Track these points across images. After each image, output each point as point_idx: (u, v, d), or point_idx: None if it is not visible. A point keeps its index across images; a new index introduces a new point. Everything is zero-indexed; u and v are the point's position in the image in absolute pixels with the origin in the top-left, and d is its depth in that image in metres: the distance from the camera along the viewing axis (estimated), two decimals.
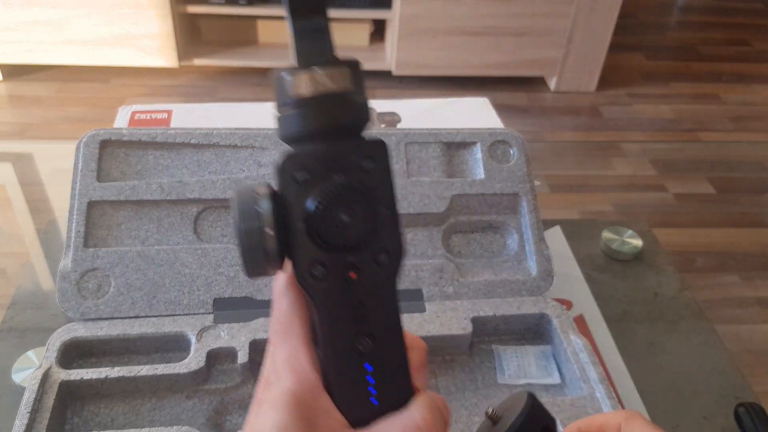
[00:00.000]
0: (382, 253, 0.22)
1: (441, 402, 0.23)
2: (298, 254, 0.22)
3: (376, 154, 0.22)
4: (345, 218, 0.21)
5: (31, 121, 1.67)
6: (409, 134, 0.51)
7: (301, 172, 0.21)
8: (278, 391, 0.22)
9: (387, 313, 0.23)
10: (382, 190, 0.22)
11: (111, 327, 0.44)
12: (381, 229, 0.22)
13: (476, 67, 1.82)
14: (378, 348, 0.22)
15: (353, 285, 0.22)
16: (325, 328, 0.22)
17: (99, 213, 0.47)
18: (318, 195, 0.21)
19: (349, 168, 0.22)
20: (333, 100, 0.21)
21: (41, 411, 0.39)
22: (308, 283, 0.22)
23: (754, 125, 1.82)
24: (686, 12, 2.49)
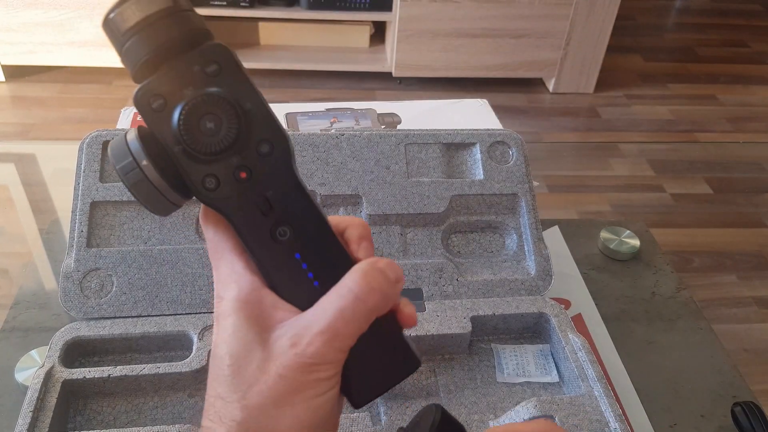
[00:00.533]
0: (264, 144, 0.23)
1: (383, 263, 0.23)
2: (187, 176, 0.23)
3: (217, 57, 0.22)
4: (210, 125, 0.22)
5: (34, 122, 1.67)
6: (409, 135, 0.52)
7: (154, 100, 0.22)
8: (226, 302, 0.23)
9: (293, 199, 0.23)
10: (237, 87, 0.22)
11: (113, 326, 0.45)
12: (252, 123, 0.22)
13: (475, 68, 1.82)
14: (298, 234, 0.23)
15: (247, 183, 0.23)
16: (242, 231, 0.23)
17: (101, 213, 0.47)
18: (177, 114, 0.22)
19: (196, 78, 0.22)
20: (158, 19, 0.22)
21: (44, 410, 0.39)
22: (208, 198, 0.23)
23: (751, 126, 1.83)
24: (684, 14, 2.50)
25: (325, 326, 0.22)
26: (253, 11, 1.74)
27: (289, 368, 0.22)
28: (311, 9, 1.74)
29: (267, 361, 0.22)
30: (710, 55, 2.17)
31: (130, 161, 0.22)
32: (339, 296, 0.23)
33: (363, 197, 0.49)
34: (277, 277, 0.24)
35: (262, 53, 1.84)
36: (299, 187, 0.23)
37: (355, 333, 0.23)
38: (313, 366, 0.22)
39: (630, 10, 2.29)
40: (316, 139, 0.50)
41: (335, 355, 0.22)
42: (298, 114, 0.70)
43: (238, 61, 0.23)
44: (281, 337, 0.22)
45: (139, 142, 0.22)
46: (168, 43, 0.22)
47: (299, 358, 0.22)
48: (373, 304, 0.23)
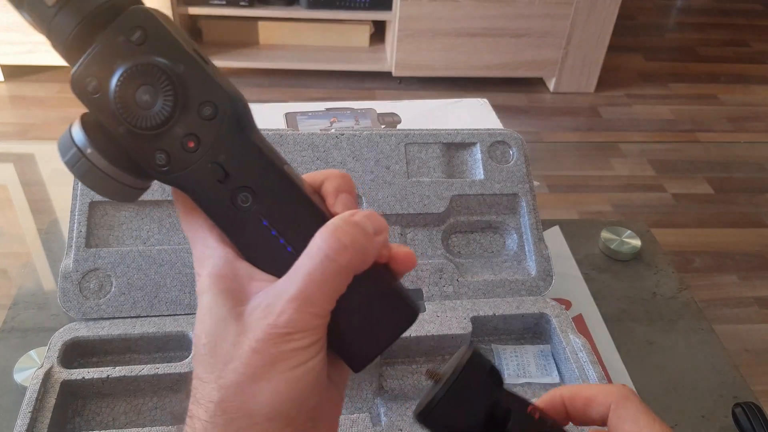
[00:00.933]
0: (205, 107, 0.21)
1: (360, 215, 0.22)
2: (139, 156, 0.21)
3: (140, 21, 0.21)
4: (146, 97, 0.21)
5: (33, 122, 1.67)
6: (409, 135, 0.51)
7: (88, 82, 0.21)
8: (202, 279, 0.22)
9: (248, 161, 0.21)
10: (166, 51, 0.21)
11: (112, 327, 0.44)
12: (189, 87, 0.21)
13: (476, 68, 1.82)
14: (261, 199, 0.22)
15: (197, 152, 0.21)
16: (203, 203, 0.22)
17: (100, 213, 0.47)
18: (111, 93, 0.21)
19: (123, 51, 0.21)
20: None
21: (43, 410, 0.39)
22: (163, 176, 0.22)
23: (752, 126, 1.83)
24: (685, 13, 2.50)
25: (295, 292, 0.21)
26: (252, 10, 1.74)
27: (263, 341, 0.20)
28: (311, 8, 1.74)
29: (240, 335, 0.21)
30: (711, 55, 2.16)
31: (75, 152, 0.21)
32: (309, 257, 0.21)
33: (363, 197, 0.49)
34: (248, 247, 0.22)
35: (262, 53, 1.84)
36: (255, 148, 0.22)
37: (331, 295, 0.21)
38: (287, 335, 0.20)
39: (631, 10, 2.28)
40: (316, 138, 0.50)
41: (311, 321, 0.21)
42: (297, 114, 0.70)
43: (164, 22, 0.21)
44: (255, 309, 0.21)
45: (82, 131, 0.21)
46: (90, 16, 0.21)
47: (272, 329, 0.20)
48: (345, 261, 0.21)
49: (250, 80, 1.84)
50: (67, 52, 0.22)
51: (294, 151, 0.49)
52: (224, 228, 0.22)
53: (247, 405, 0.20)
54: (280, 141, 0.50)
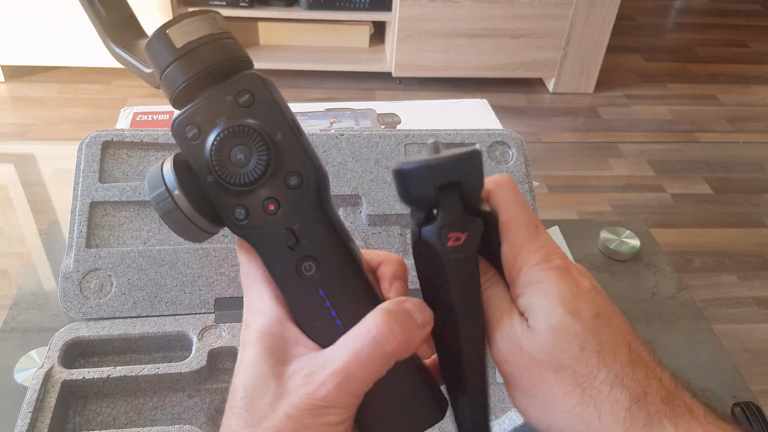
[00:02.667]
0: (292, 177, 0.22)
1: (411, 304, 0.22)
2: (219, 206, 0.23)
3: (250, 86, 0.22)
4: (240, 156, 0.22)
5: (33, 122, 1.67)
6: (408, 135, 0.51)
7: (189, 128, 0.22)
8: (250, 331, 0.23)
9: (320, 234, 0.23)
10: (268, 118, 0.22)
11: (113, 327, 0.45)
12: (282, 155, 0.22)
13: (475, 68, 1.82)
14: (324, 271, 0.23)
15: (275, 216, 0.22)
16: (268, 263, 0.23)
17: (101, 213, 0.47)
18: (209, 145, 0.22)
19: (229, 109, 0.22)
20: (198, 46, 0.22)
21: (43, 410, 0.39)
22: (237, 229, 0.23)
23: (751, 126, 1.83)
24: (684, 14, 2.50)
25: (339, 367, 0.21)
26: (252, 11, 1.74)
27: (298, 408, 0.21)
28: (311, 9, 1.74)
29: (278, 397, 0.21)
30: (710, 55, 2.17)
31: (163, 190, 0.22)
32: (357, 336, 0.22)
33: (363, 197, 0.49)
34: (300, 312, 0.23)
35: (262, 53, 1.84)
36: (328, 223, 0.23)
37: (371, 377, 0.21)
38: (323, 409, 0.21)
39: (630, 10, 2.29)
40: (316, 139, 0.50)
41: (347, 400, 0.21)
42: (297, 114, 0.70)
43: (271, 91, 0.23)
44: (296, 374, 0.22)
45: (173, 171, 0.22)
46: (205, 71, 0.22)
47: (309, 399, 0.21)
48: (392, 348, 0.21)
49: None
50: (173, 98, 0.23)
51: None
52: (282, 289, 0.23)
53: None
54: None
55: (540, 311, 0.22)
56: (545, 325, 0.22)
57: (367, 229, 0.50)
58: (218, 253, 0.47)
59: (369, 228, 0.50)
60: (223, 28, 0.23)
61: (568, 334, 0.21)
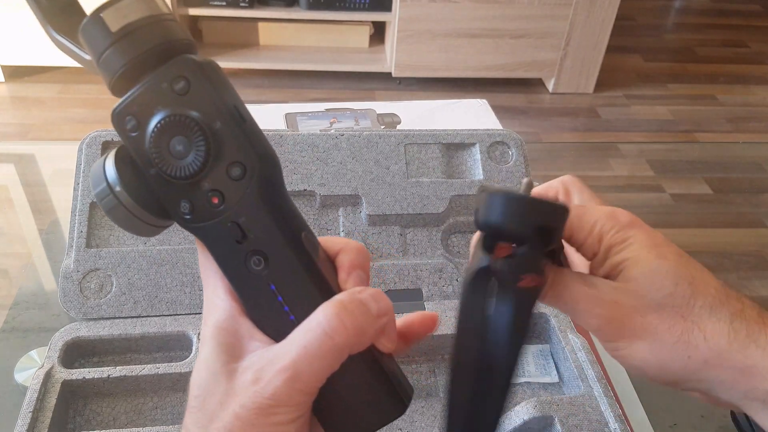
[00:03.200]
0: (235, 167, 0.21)
1: (366, 294, 0.21)
2: (165, 200, 0.22)
3: (185, 71, 0.21)
4: (179, 147, 0.21)
5: (33, 122, 1.67)
6: (408, 135, 0.52)
7: (128, 120, 0.21)
8: (206, 327, 0.22)
9: (267, 227, 0.22)
10: (206, 106, 0.21)
11: (113, 327, 0.45)
12: (223, 144, 0.21)
13: (475, 69, 1.83)
14: (273, 265, 0.22)
15: (219, 209, 0.21)
16: (217, 258, 0.22)
17: (101, 213, 0.47)
18: (147, 136, 0.21)
19: (165, 97, 0.21)
20: (135, 29, 0.21)
21: (43, 410, 0.39)
22: (184, 223, 0.22)
23: (751, 126, 1.83)
24: (683, 14, 2.50)
25: (287, 363, 0.20)
26: (252, 11, 1.74)
27: (247, 408, 0.20)
28: (311, 9, 1.74)
29: (228, 395, 0.21)
30: (710, 56, 2.17)
31: (104, 187, 0.21)
32: (307, 330, 0.21)
33: (362, 197, 0.49)
34: (252, 308, 0.22)
35: (262, 53, 1.84)
36: (276, 214, 0.22)
37: (321, 372, 0.20)
38: (272, 408, 0.20)
39: (629, 11, 2.29)
40: (316, 139, 0.50)
41: (297, 398, 0.20)
42: (297, 114, 0.70)
43: (209, 76, 0.21)
44: (246, 371, 0.21)
45: (114, 166, 0.21)
46: (142, 55, 0.21)
47: (257, 398, 0.20)
48: (342, 341, 0.20)
49: (250, 81, 1.84)
50: (112, 85, 0.22)
51: (294, 152, 0.50)
52: (233, 284, 0.23)
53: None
54: (280, 141, 0.50)
55: (630, 263, 0.24)
56: (638, 273, 0.23)
57: (366, 229, 0.50)
58: None
59: (369, 228, 0.50)
60: (163, 9, 0.22)
61: (660, 275, 0.23)
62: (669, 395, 0.47)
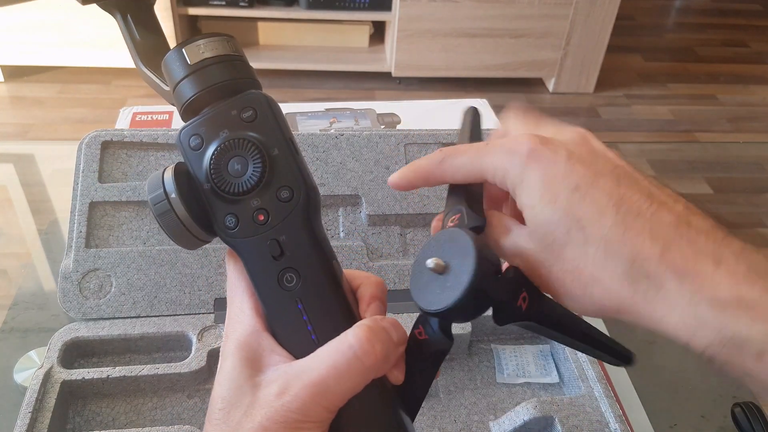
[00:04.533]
0: (284, 190, 0.23)
1: (387, 323, 0.22)
2: (212, 213, 0.24)
3: (254, 104, 0.24)
4: (237, 167, 0.23)
5: (33, 122, 1.67)
6: (408, 135, 0.51)
7: (193, 138, 0.24)
8: (229, 341, 0.23)
9: (305, 248, 0.23)
10: (267, 134, 0.24)
11: (112, 327, 0.45)
12: (277, 169, 0.23)
13: (475, 68, 1.82)
14: (304, 284, 0.23)
15: (263, 226, 0.23)
16: (251, 271, 0.24)
17: (100, 213, 0.47)
18: (209, 154, 0.23)
19: (232, 122, 0.24)
20: (214, 63, 0.24)
21: (43, 411, 0.39)
22: (226, 236, 0.24)
23: (751, 126, 1.83)
24: (684, 13, 2.50)
25: (316, 379, 0.21)
26: (252, 11, 1.74)
27: (272, 420, 0.21)
28: (310, 9, 1.74)
29: (253, 407, 0.21)
30: (710, 55, 2.17)
31: (160, 192, 0.23)
32: (336, 350, 0.21)
33: (362, 197, 0.49)
34: (277, 323, 0.24)
35: (262, 53, 1.84)
36: (314, 238, 0.24)
37: (347, 392, 0.21)
38: (297, 422, 0.21)
39: (630, 10, 2.29)
40: (316, 139, 0.50)
41: (322, 414, 0.21)
42: (297, 114, 0.70)
43: (274, 110, 0.24)
44: (271, 384, 0.21)
45: (172, 176, 0.24)
46: (214, 86, 0.24)
47: (284, 411, 0.21)
48: (371, 363, 0.21)
49: None
50: (182, 110, 0.25)
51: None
52: (263, 299, 0.24)
53: None
54: None
55: (526, 211, 0.22)
56: (532, 223, 0.22)
57: (366, 229, 0.49)
58: (218, 253, 0.47)
59: (369, 228, 0.50)
60: (237, 50, 0.25)
61: (551, 224, 0.21)
62: (669, 396, 0.47)
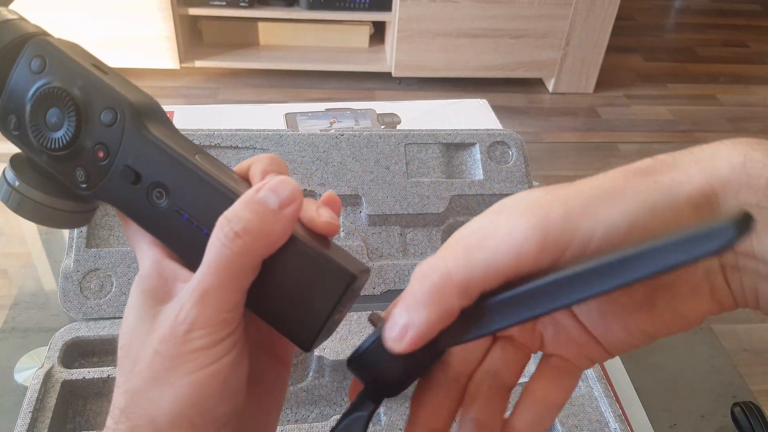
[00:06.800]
0: (106, 114, 0.21)
1: (266, 187, 0.20)
2: (65, 179, 0.22)
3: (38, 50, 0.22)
4: (53, 119, 0.22)
5: None
6: (408, 135, 0.52)
7: (10, 119, 0.22)
8: (134, 281, 0.22)
9: (154, 159, 0.21)
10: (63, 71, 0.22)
11: (113, 326, 0.45)
12: (89, 99, 0.21)
13: (475, 68, 1.82)
14: (175, 193, 0.21)
15: (107, 160, 0.22)
16: (126, 210, 0.22)
17: (101, 213, 0.47)
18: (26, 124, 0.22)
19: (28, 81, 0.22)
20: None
21: (43, 410, 0.39)
22: (88, 192, 0.22)
23: (751, 126, 1.83)
24: (683, 14, 2.50)
25: (195, 284, 0.19)
26: (252, 11, 1.74)
27: (164, 340, 0.19)
28: (311, 9, 1.74)
29: (150, 335, 0.19)
30: (710, 55, 2.17)
31: (6, 188, 0.22)
32: (210, 246, 0.19)
33: (362, 197, 0.49)
34: (175, 244, 0.22)
35: (262, 53, 1.84)
36: (159, 143, 0.21)
37: (233, 285, 0.19)
38: (187, 334, 0.19)
39: (630, 10, 2.29)
40: (316, 139, 0.50)
41: (213, 316, 0.19)
42: (297, 114, 0.70)
43: (62, 46, 0.22)
44: (170, 307, 0.20)
45: (11, 168, 0.22)
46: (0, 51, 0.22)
47: (173, 326, 0.19)
48: (240, 248, 0.19)
49: (249, 81, 1.84)
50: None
51: (294, 152, 0.50)
52: (149, 229, 0.22)
53: (149, 411, 0.19)
54: (279, 141, 0.50)
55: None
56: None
57: (366, 229, 0.50)
58: None
59: (369, 228, 0.50)
60: (7, 15, 0.23)
61: None
62: (669, 396, 0.47)
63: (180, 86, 1.82)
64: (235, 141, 0.49)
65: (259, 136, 0.49)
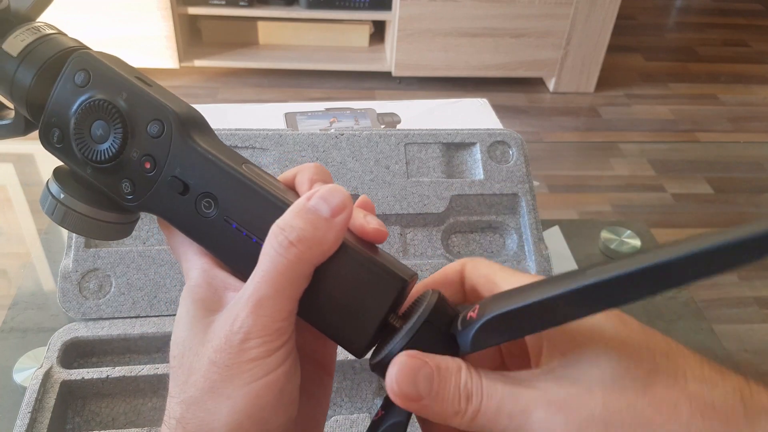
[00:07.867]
0: (152, 125, 0.22)
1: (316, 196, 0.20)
2: (110, 191, 0.22)
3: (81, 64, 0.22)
4: (99, 132, 0.22)
5: None
6: (408, 135, 0.51)
7: (53, 134, 0.22)
8: (183, 292, 0.22)
9: (203, 168, 0.22)
10: (107, 84, 0.22)
11: (112, 327, 0.44)
12: (135, 111, 0.22)
13: (475, 68, 1.82)
14: (223, 202, 0.21)
15: (154, 171, 0.22)
16: (174, 220, 0.22)
17: None
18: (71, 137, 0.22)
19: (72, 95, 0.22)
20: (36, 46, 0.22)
21: (42, 411, 0.39)
22: (134, 203, 0.22)
23: (752, 126, 1.83)
24: (684, 13, 2.50)
25: (250, 293, 0.19)
26: (252, 10, 1.74)
27: (219, 350, 0.19)
28: (310, 8, 1.74)
29: (203, 345, 0.19)
30: (711, 55, 2.16)
31: (50, 201, 0.22)
32: (263, 255, 0.19)
33: None
34: (223, 253, 0.22)
35: (261, 53, 1.84)
36: (206, 153, 0.22)
37: (285, 294, 0.19)
38: (243, 343, 0.19)
39: (630, 10, 2.29)
40: (316, 138, 0.50)
41: (268, 325, 0.19)
42: (297, 114, 0.70)
43: (102, 59, 0.22)
44: (222, 317, 0.20)
45: (54, 181, 0.23)
46: (45, 63, 0.22)
47: (228, 336, 0.19)
48: (294, 256, 0.19)
49: (249, 80, 1.84)
50: (29, 109, 0.23)
51: (294, 151, 0.49)
52: (197, 239, 0.22)
53: (206, 422, 0.19)
54: (279, 141, 0.50)
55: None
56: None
57: None
58: None
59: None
60: (49, 31, 0.23)
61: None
62: None
63: (179, 86, 1.82)
64: (234, 140, 0.49)
65: (258, 136, 0.49)
